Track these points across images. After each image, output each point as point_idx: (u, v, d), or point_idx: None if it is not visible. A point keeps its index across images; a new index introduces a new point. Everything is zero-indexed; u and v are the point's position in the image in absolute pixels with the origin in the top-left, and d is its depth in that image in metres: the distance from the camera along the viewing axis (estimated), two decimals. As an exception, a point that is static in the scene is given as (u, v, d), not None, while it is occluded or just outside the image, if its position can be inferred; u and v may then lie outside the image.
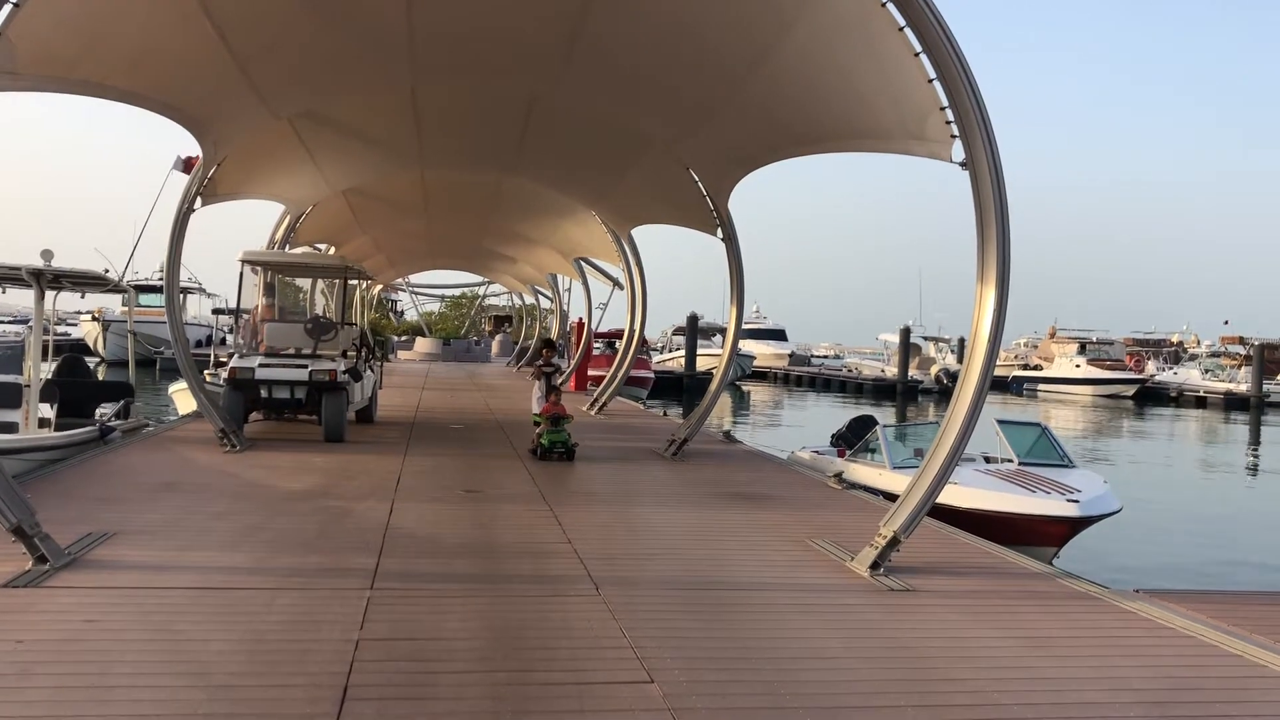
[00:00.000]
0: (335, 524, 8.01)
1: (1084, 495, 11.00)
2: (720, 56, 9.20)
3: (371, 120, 13.38)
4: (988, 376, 7.08)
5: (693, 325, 54.20)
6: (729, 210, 12.73)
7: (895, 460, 12.61)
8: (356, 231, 22.84)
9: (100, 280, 14.13)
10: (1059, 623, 6.08)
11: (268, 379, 12.98)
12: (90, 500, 8.46)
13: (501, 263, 33.88)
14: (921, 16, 6.67)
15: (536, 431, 12.53)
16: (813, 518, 9.20)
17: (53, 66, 7.20)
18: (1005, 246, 6.99)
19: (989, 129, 6.87)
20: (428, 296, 61.43)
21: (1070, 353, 65.97)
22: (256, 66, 9.67)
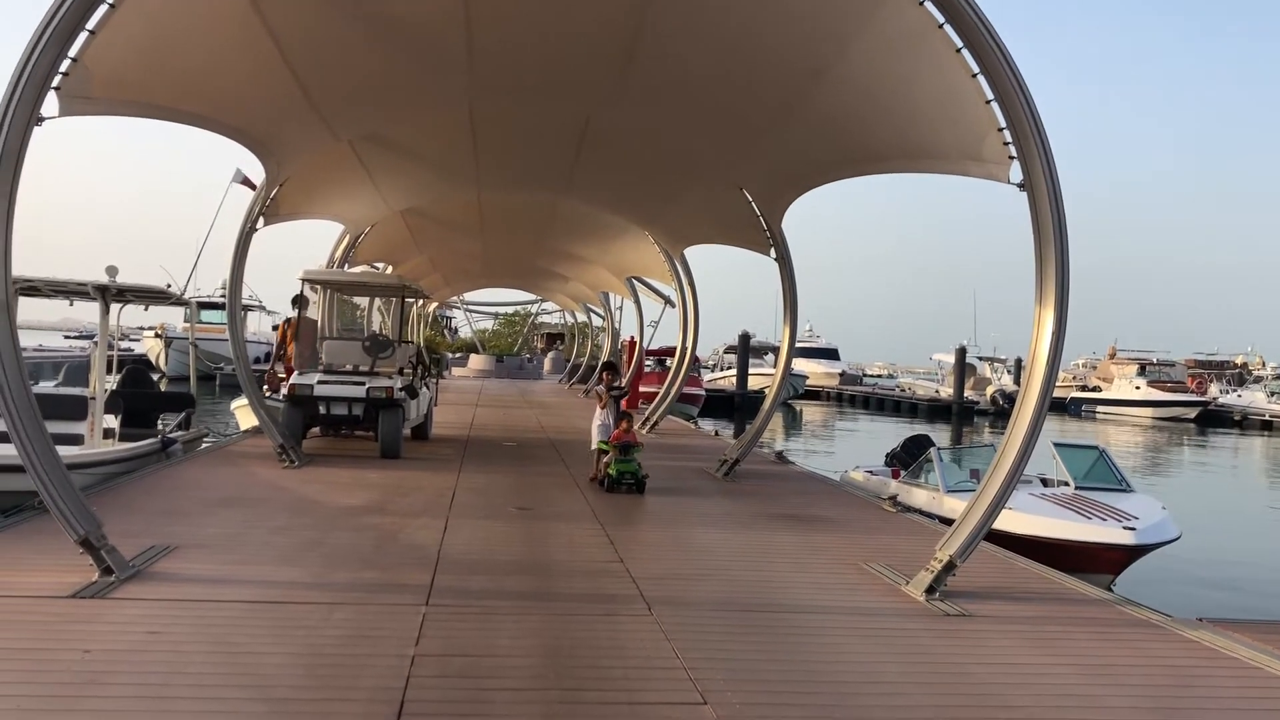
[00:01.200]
0: (391, 540, 8.10)
1: (1142, 522, 10.78)
2: (775, 78, 9.23)
3: (429, 142, 13.58)
4: (1046, 399, 6.99)
5: (744, 343, 54.03)
6: (782, 230, 12.72)
7: (950, 483, 12.46)
8: (413, 251, 23.14)
9: (163, 294, 14.46)
10: (1120, 651, 5.97)
11: (326, 395, 13.17)
12: (153, 513, 8.64)
13: (554, 281, 34.11)
14: (978, 37, 6.64)
15: (604, 461, 11.62)
16: (867, 540, 9.13)
17: (125, 91, 7.41)
18: (1064, 268, 6.91)
19: (1047, 150, 6.81)
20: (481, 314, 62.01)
21: (1130, 374, 64.76)
22: (319, 89, 9.88)
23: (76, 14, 6.05)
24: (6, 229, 5.99)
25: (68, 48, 6.14)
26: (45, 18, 5.95)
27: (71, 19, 6.03)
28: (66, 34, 6.05)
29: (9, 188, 5.95)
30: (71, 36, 6.12)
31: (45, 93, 6.09)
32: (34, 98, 5.99)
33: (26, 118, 5.97)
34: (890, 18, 7.37)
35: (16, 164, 5.96)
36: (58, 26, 5.96)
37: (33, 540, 7.23)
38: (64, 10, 5.95)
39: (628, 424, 11.84)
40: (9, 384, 5.95)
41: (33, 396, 6.13)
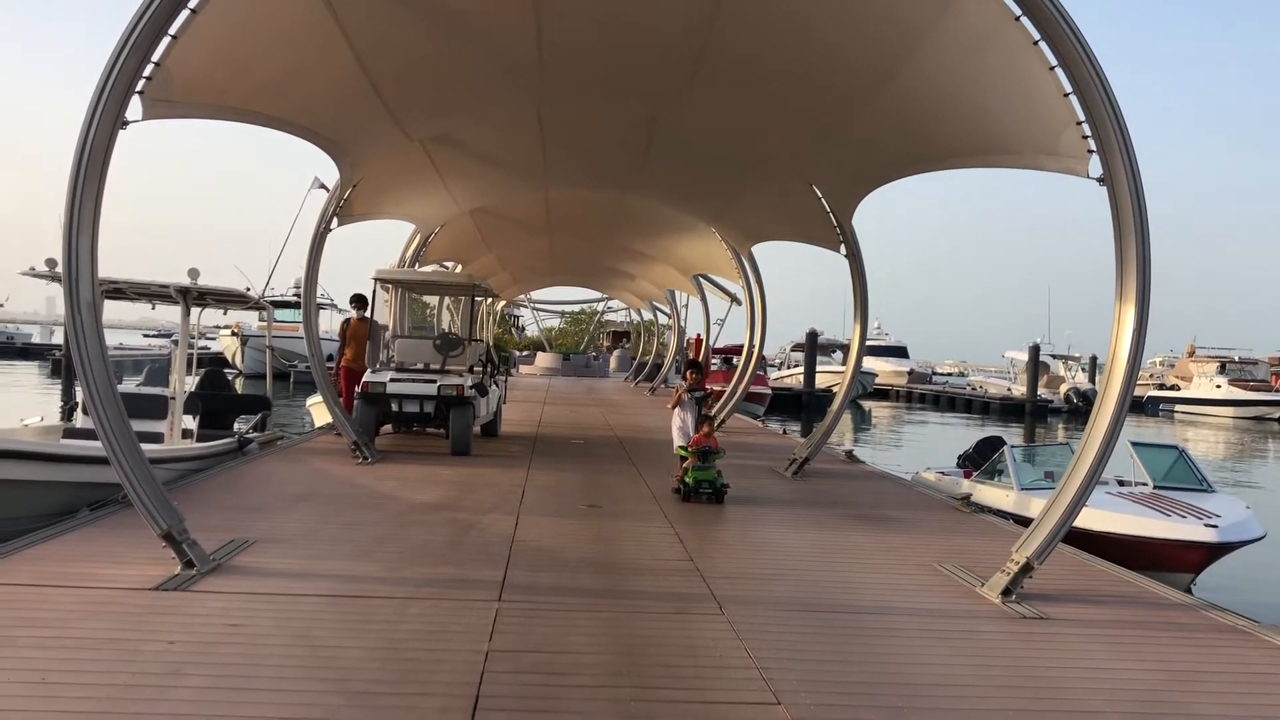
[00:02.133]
0: (462, 536, 8.19)
1: (1224, 520, 10.50)
2: (847, 74, 9.13)
3: (499, 142, 13.69)
4: (1127, 397, 6.83)
5: (812, 342, 53.70)
6: (853, 226, 12.59)
7: (1023, 482, 12.25)
8: (482, 249, 23.36)
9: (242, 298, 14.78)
10: (1205, 656, 5.81)
11: (399, 393, 13.35)
12: (232, 509, 8.83)
13: (621, 279, 34.21)
14: (1056, 29, 6.50)
15: (681, 467, 10.89)
16: (940, 541, 9.00)
17: (204, 94, 7.58)
18: (1146, 264, 6.75)
19: (1128, 143, 6.65)
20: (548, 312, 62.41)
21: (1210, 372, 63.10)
22: (392, 92, 10.01)
23: (160, 19, 6.19)
24: (93, 230, 6.16)
25: (151, 52, 6.28)
26: (130, 24, 6.11)
27: (155, 24, 6.18)
28: (150, 39, 6.20)
29: (96, 189, 6.13)
30: (155, 41, 6.26)
31: (130, 96, 6.25)
32: (119, 101, 6.15)
33: (112, 120, 6.14)
34: (964, 11, 7.26)
35: (103, 166, 6.14)
36: (142, 32, 6.10)
37: (118, 534, 7.43)
38: (148, 16, 6.10)
39: (709, 427, 10.97)
40: (97, 383, 6.13)
41: (118, 394, 6.31)
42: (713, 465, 10.62)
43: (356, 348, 15.22)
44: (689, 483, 10.53)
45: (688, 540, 8.45)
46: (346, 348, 15.30)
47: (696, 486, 10.49)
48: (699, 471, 10.55)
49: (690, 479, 10.54)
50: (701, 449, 10.67)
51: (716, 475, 10.58)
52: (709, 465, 10.61)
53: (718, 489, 10.53)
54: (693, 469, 10.58)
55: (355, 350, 15.23)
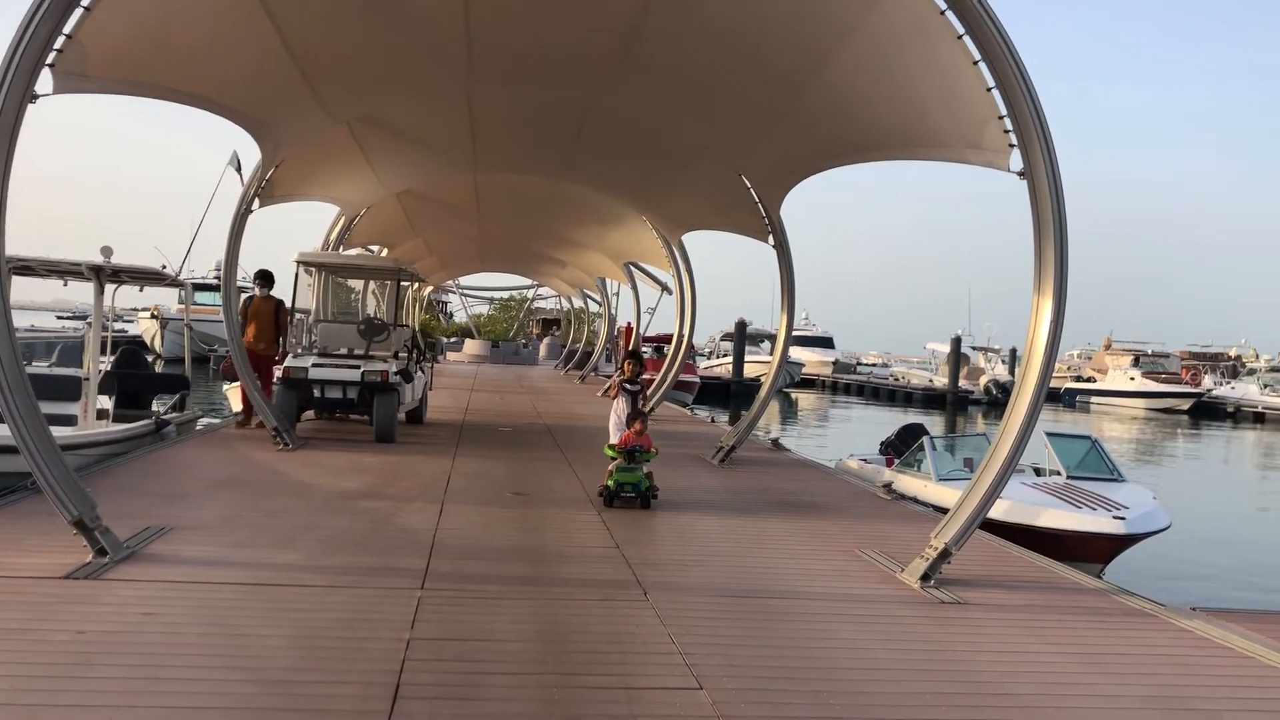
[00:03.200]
0: (386, 524, 8.10)
1: (1131, 512, 10.83)
2: (776, 65, 9.18)
3: (427, 124, 13.52)
4: (1043, 389, 6.98)
5: (741, 331, 54.03)
6: (781, 217, 12.69)
7: (941, 471, 12.50)
8: (409, 234, 23.07)
9: (158, 275, 14.43)
10: (1114, 639, 5.98)
11: (321, 379, 13.14)
12: (148, 495, 8.62)
13: (551, 266, 34.07)
14: (980, 24, 6.60)
15: (609, 469, 9.76)
16: (862, 527, 9.14)
17: (122, 69, 7.36)
18: (1063, 258, 6.90)
19: (1048, 138, 6.79)
20: (477, 299, 61.93)
21: (1124, 365, 64.89)
22: (317, 71, 9.81)
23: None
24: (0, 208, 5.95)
25: (63, 24, 6.07)
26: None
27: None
28: (61, 9, 5.97)
29: (3, 165, 5.91)
30: (67, 13, 6.05)
31: (39, 69, 6.02)
32: (28, 74, 5.92)
33: (20, 94, 5.91)
34: (892, 6, 7.34)
35: (10, 141, 5.91)
36: (52, 2, 5.90)
37: (27, 521, 7.20)
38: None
39: (641, 425, 9.79)
40: (2, 364, 5.91)
41: (26, 377, 6.10)
42: (639, 467, 9.61)
43: (259, 327, 14.28)
44: (610, 485, 9.55)
45: (614, 528, 8.46)
46: (248, 327, 14.23)
47: (618, 490, 9.51)
48: (623, 473, 9.54)
49: (613, 481, 9.55)
50: (629, 448, 9.64)
51: (643, 478, 9.57)
52: (635, 466, 9.60)
53: (643, 493, 9.52)
54: (617, 470, 9.57)
55: (257, 330, 14.27)
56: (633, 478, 9.52)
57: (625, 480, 9.50)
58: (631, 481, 9.50)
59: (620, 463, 9.59)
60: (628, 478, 9.52)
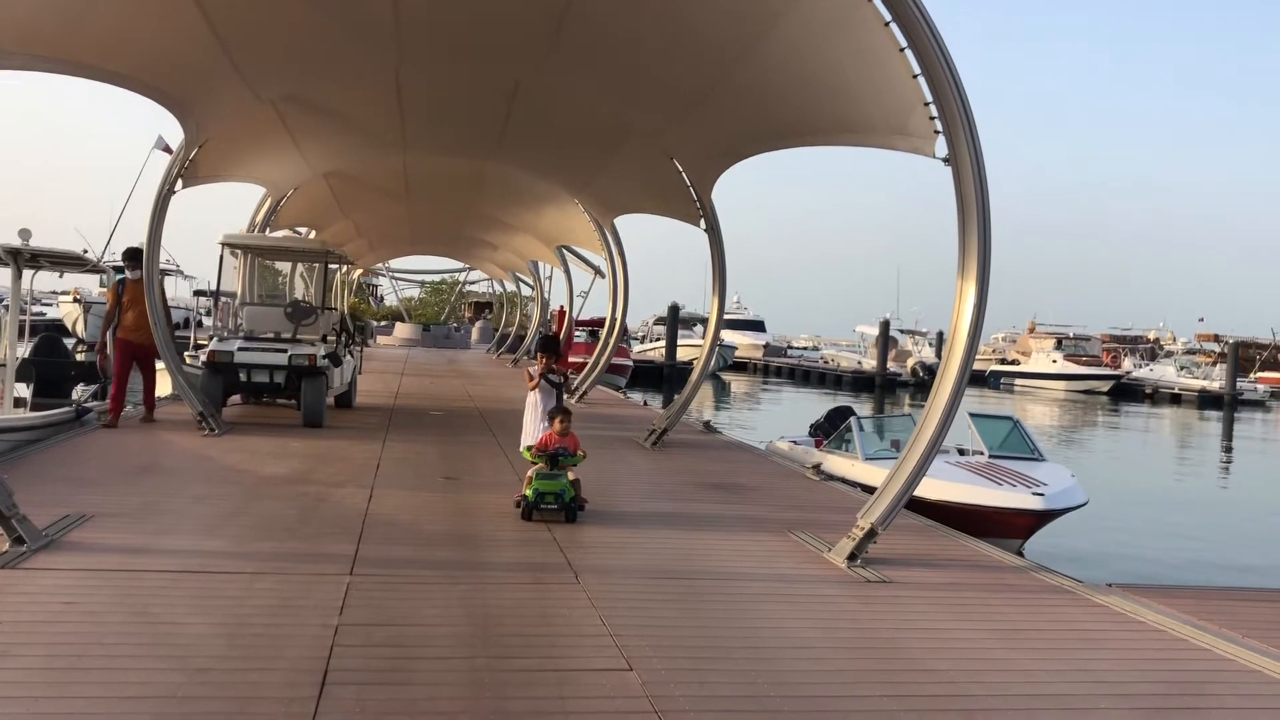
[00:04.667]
0: (314, 510, 8.00)
1: (1050, 488, 11.17)
2: (707, 47, 9.20)
3: (354, 104, 13.31)
4: (966, 371, 7.14)
5: (674, 315, 54.17)
6: (712, 201, 12.75)
7: (868, 451, 12.76)
8: (338, 215, 22.73)
9: (79, 260, 14.06)
10: (1033, 616, 6.15)
11: (247, 363, 12.92)
12: (67, 482, 8.42)
13: (483, 249, 33.81)
14: (907, 12, 6.69)
15: (528, 475, 8.34)
16: (791, 509, 9.26)
17: (35, 45, 7.15)
18: (986, 242, 7.05)
19: (972, 125, 6.91)
20: (408, 282, 61.27)
21: (1047, 348, 66.49)
22: (241, 49, 9.61)
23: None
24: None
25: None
26: (-52, -34, 5.70)
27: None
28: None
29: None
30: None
31: (-51, 45, 5.85)
32: (-63, 50, 5.75)
33: (-72, 70, 5.74)
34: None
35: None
36: (-38, -24, 5.71)
37: (-61, 510, 6.98)
38: (-31, -41, 5.71)
39: (563, 422, 8.34)
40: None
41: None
42: (564, 473, 8.15)
43: (138, 314, 12.28)
44: (529, 495, 8.05)
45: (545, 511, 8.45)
46: (124, 314, 12.36)
47: (538, 500, 7.99)
48: (544, 480, 8.05)
49: (531, 490, 8.05)
50: (551, 451, 8.19)
51: (567, 486, 8.06)
52: (559, 473, 8.13)
53: (567, 504, 8.02)
54: (537, 477, 8.10)
55: (136, 317, 12.30)
56: (555, 486, 8.03)
57: (546, 489, 8.01)
58: (553, 491, 8.01)
59: (541, 467, 8.18)
60: (549, 486, 8.03)
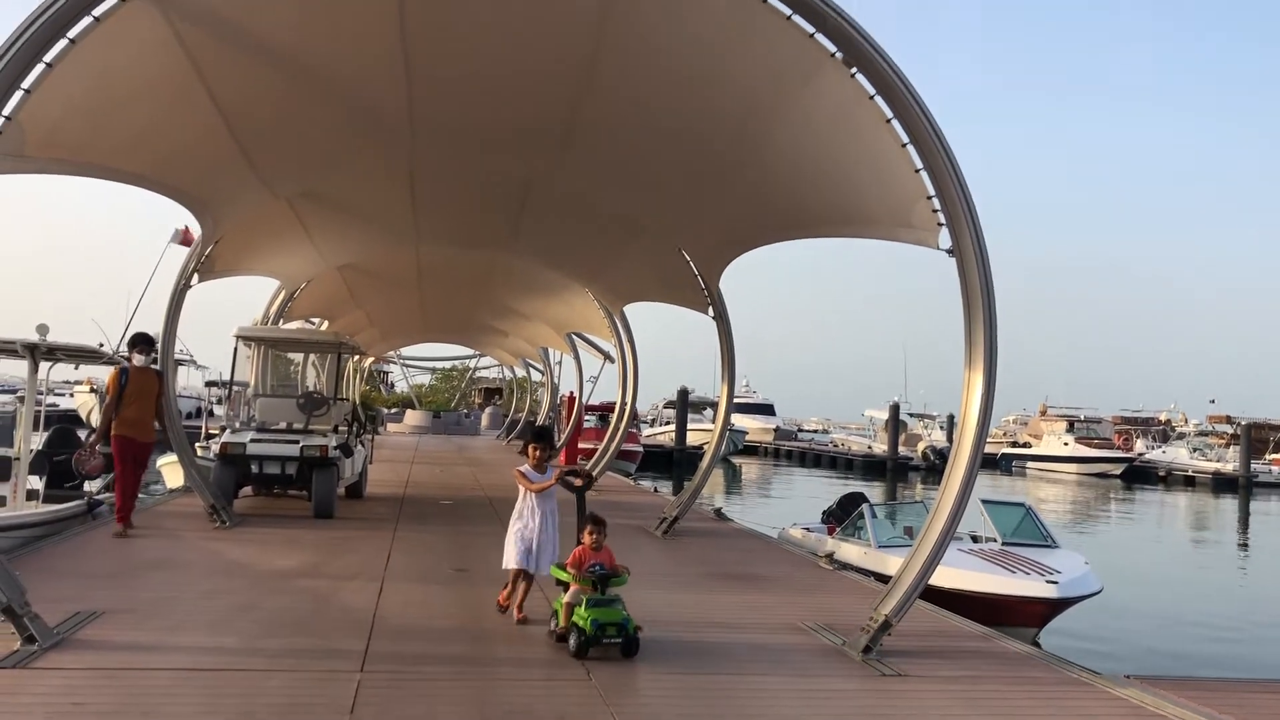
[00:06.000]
0: (325, 604, 7.98)
1: (1064, 576, 11.11)
2: (712, 145, 9.42)
3: (369, 199, 13.58)
4: (976, 460, 7.15)
5: (683, 399, 54.25)
6: (720, 290, 12.90)
7: (881, 539, 12.71)
8: (350, 306, 22.99)
9: (94, 354, 14.23)
10: (1052, 710, 6.07)
11: (259, 454, 12.96)
12: (79, 577, 8.42)
13: (493, 336, 34.06)
14: (908, 109, 6.88)
15: (566, 601, 6.95)
16: (804, 599, 9.19)
17: (60, 150, 7.35)
18: (992, 333, 7.12)
19: (975, 217, 7.04)
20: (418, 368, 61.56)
21: (1059, 430, 66.19)
22: (259, 149, 9.86)
23: (12, 73, 5.97)
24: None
25: (1, 106, 6.07)
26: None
27: (6, 78, 5.96)
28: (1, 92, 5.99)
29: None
30: (6, 96, 6.05)
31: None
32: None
33: (-42, 176, 5.90)
34: (823, 90, 7.58)
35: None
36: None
37: (-49, 607, 6.99)
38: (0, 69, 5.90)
39: (596, 534, 7.05)
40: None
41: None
42: (619, 599, 6.85)
43: (139, 408, 11.10)
44: (585, 627, 6.61)
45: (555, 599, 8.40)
46: (124, 408, 11.01)
47: (598, 634, 6.58)
48: (601, 610, 6.65)
49: (586, 620, 6.62)
50: (596, 573, 6.85)
51: (627, 614, 6.75)
52: (613, 599, 6.82)
53: (631, 634, 6.68)
54: (587, 606, 6.70)
55: (137, 411, 11.08)
56: (615, 615, 6.67)
57: (607, 620, 6.62)
58: (614, 621, 6.64)
59: (581, 591, 6.84)
60: (609, 616, 6.65)
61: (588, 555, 7.03)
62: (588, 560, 6.99)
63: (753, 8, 6.82)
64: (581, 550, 7.07)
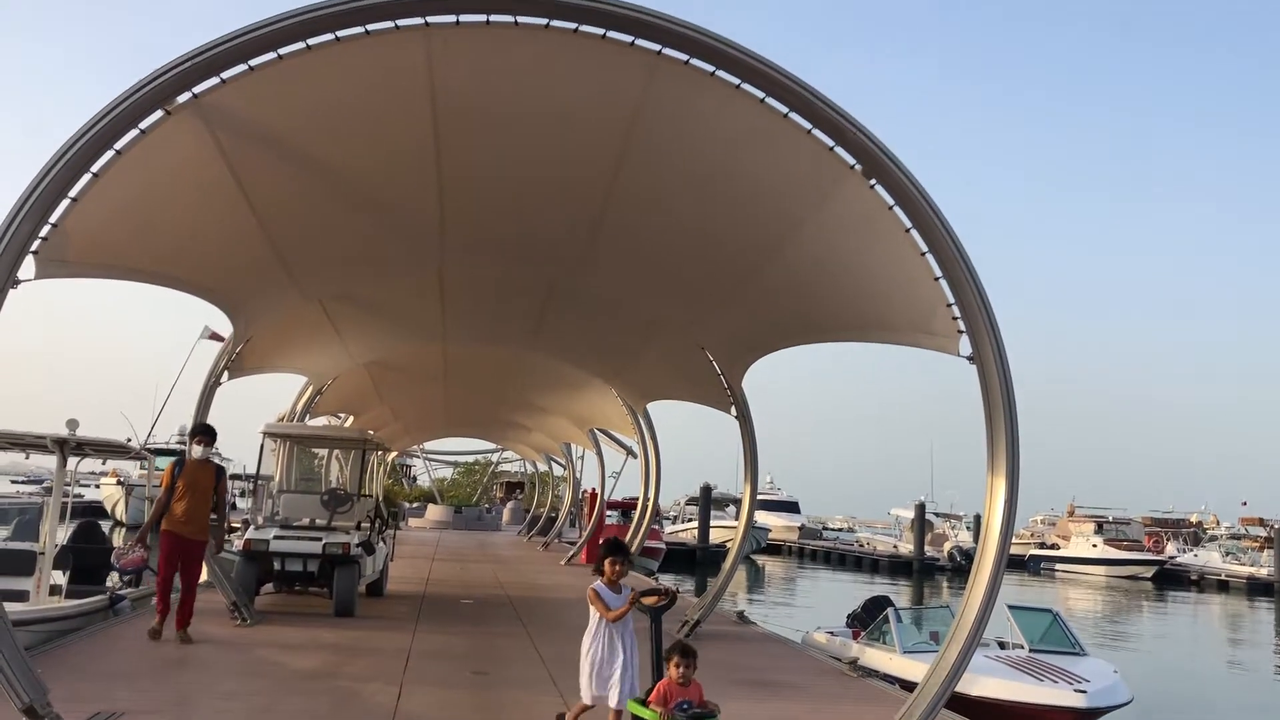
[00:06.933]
0: (344, 707, 7.94)
1: (1093, 685, 10.91)
2: (734, 250, 9.61)
3: (398, 300, 13.84)
4: (1001, 566, 7.11)
5: (706, 496, 53.92)
6: (743, 389, 12.98)
7: (906, 645, 12.51)
8: (375, 401, 23.20)
9: (122, 449, 14.42)
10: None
11: (282, 551, 12.98)
12: (100, 676, 8.42)
13: (516, 431, 34.15)
14: (926, 218, 7.03)
15: None
16: (829, 708, 9.07)
17: (101, 255, 7.59)
18: (1014, 438, 7.14)
19: (994, 325, 7.13)
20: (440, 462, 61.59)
21: (1087, 532, 65.09)
22: (292, 252, 10.12)
23: (61, 183, 6.22)
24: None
25: (49, 214, 6.30)
26: (30, 186, 6.10)
27: (55, 187, 6.20)
28: (49, 202, 6.21)
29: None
30: (54, 204, 6.28)
31: (24, 257, 6.22)
32: (12, 262, 6.09)
33: (3, 281, 6.08)
34: (845, 197, 7.75)
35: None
36: (41, 194, 6.11)
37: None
38: (48, 179, 6.12)
39: (685, 666, 6.07)
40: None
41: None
42: None
43: (192, 503, 10.50)
44: None
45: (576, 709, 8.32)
46: (176, 501, 10.44)
47: None
48: None
49: None
50: (687, 712, 5.96)
51: None
52: None
53: None
54: None
55: (189, 506, 10.47)
56: None
57: None
58: None
59: None
60: None
61: (674, 691, 6.03)
62: (674, 697, 6.00)
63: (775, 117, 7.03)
64: (667, 684, 6.08)
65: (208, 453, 10.84)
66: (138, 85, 6.15)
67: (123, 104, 6.15)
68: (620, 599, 6.76)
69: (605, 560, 6.92)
